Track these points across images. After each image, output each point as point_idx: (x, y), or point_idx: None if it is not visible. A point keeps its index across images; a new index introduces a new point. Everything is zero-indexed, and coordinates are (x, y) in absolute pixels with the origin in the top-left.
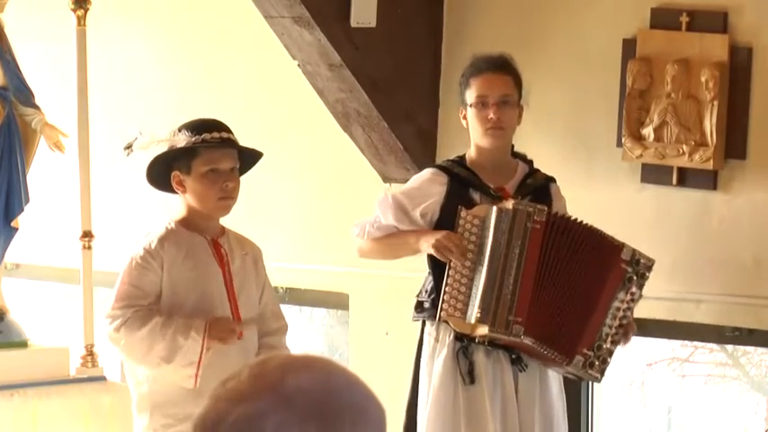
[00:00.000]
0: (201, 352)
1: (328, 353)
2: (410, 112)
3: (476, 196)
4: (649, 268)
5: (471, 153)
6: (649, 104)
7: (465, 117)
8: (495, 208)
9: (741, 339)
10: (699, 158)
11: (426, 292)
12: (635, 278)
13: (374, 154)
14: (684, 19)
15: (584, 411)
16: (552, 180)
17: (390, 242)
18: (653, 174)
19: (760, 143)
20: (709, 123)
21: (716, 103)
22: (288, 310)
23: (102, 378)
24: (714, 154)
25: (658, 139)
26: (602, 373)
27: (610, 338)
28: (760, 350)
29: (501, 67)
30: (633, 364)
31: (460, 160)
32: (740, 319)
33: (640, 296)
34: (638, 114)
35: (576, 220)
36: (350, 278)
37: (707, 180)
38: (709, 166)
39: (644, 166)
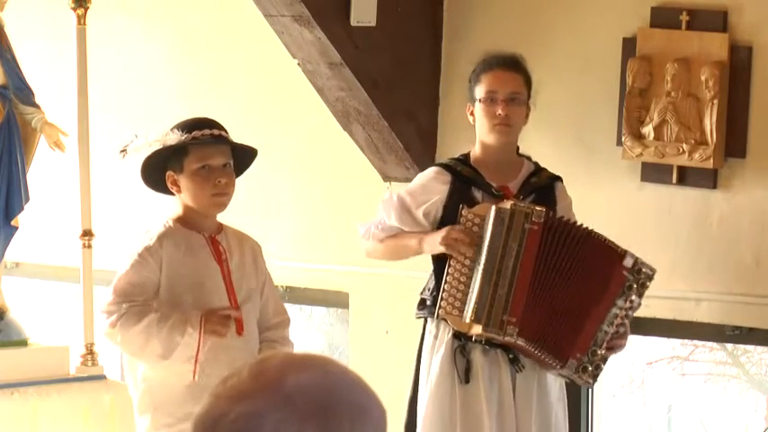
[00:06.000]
0: (198, 347)
1: (328, 351)
2: (410, 110)
3: (478, 195)
4: (650, 277)
5: (476, 151)
6: (649, 103)
7: (472, 113)
8: (493, 208)
9: (741, 338)
10: (699, 157)
11: (429, 289)
12: (635, 286)
13: (374, 152)
14: (684, 18)
15: (585, 410)
16: (558, 179)
17: (393, 244)
18: (653, 172)
19: (760, 142)
20: (709, 122)
21: (716, 101)
22: (288, 309)
23: (102, 377)
24: (714, 152)
25: (658, 137)
26: (594, 378)
27: (605, 345)
28: (760, 349)
29: (512, 65)
30: (633, 362)
31: (465, 158)
32: (740, 317)
33: (639, 304)
34: (638, 113)
35: (575, 223)
36: (350, 277)
37: (707, 179)
38: (709, 164)
39: (644, 164)
